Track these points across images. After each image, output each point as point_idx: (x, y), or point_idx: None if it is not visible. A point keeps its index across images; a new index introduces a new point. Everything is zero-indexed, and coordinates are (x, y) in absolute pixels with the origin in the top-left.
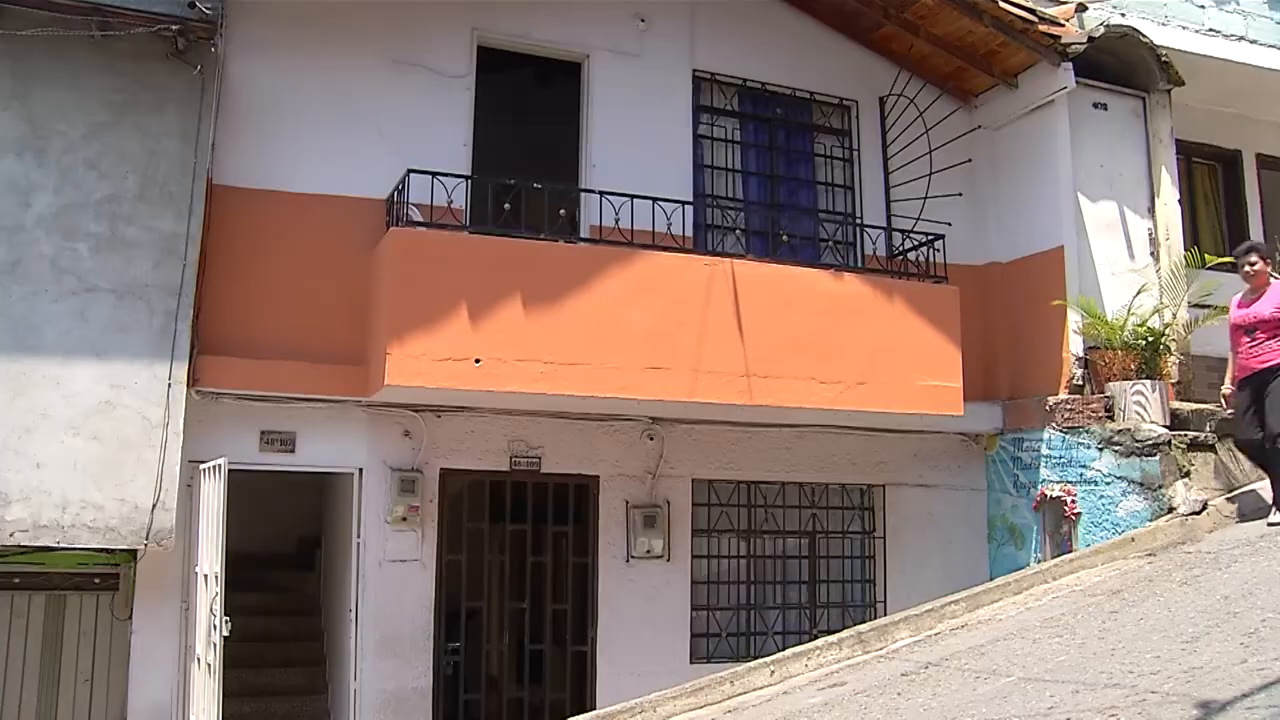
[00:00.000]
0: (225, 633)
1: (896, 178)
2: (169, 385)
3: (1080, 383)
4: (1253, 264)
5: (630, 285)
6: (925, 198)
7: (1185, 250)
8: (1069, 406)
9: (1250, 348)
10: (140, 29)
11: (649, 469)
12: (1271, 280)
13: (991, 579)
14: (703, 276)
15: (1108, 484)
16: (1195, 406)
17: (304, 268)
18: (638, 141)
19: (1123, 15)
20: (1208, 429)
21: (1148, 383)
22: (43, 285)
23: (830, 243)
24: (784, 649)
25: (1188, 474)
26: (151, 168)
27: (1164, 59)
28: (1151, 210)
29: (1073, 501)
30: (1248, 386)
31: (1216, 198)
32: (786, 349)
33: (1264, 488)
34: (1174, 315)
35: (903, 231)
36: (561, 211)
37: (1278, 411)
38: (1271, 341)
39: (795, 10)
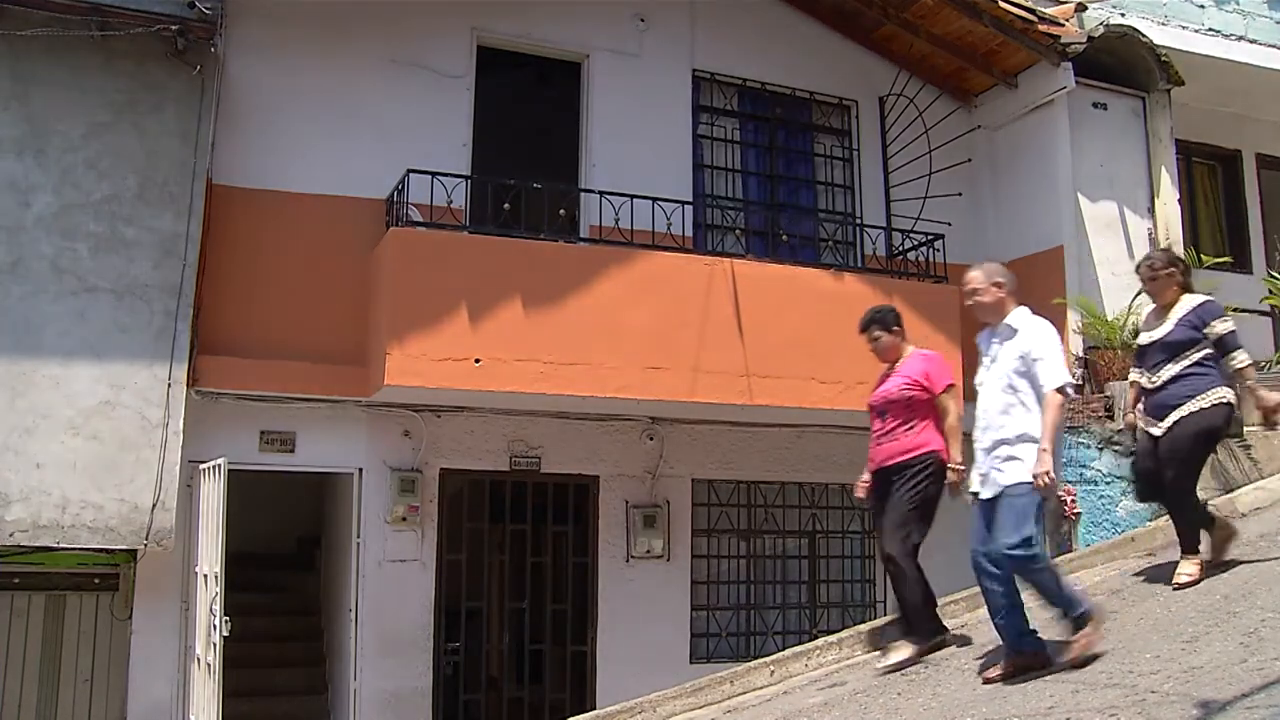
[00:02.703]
0: (225, 633)
1: (896, 177)
2: (169, 385)
3: (1080, 382)
4: (875, 339)
5: (630, 285)
6: (925, 197)
7: (1185, 250)
8: (1069, 406)
9: (878, 435)
10: (140, 29)
11: (649, 469)
12: (908, 351)
13: None
14: (703, 276)
15: (1108, 484)
16: None
17: (304, 268)
18: (638, 141)
19: (1122, 15)
20: None
21: None
22: (43, 285)
23: (830, 243)
24: (784, 649)
25: None
26: (151, 168)
27: (1164, 58)
28: (1151, 210)
29: (1072, 501)
30: (878, 483)
31: (1216, 197)
32: (786, 349)
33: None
34: None
35: (902, 231)
36: (561, 211)
37: (894, 527)
38: (901, 429)
39: (795, 10)
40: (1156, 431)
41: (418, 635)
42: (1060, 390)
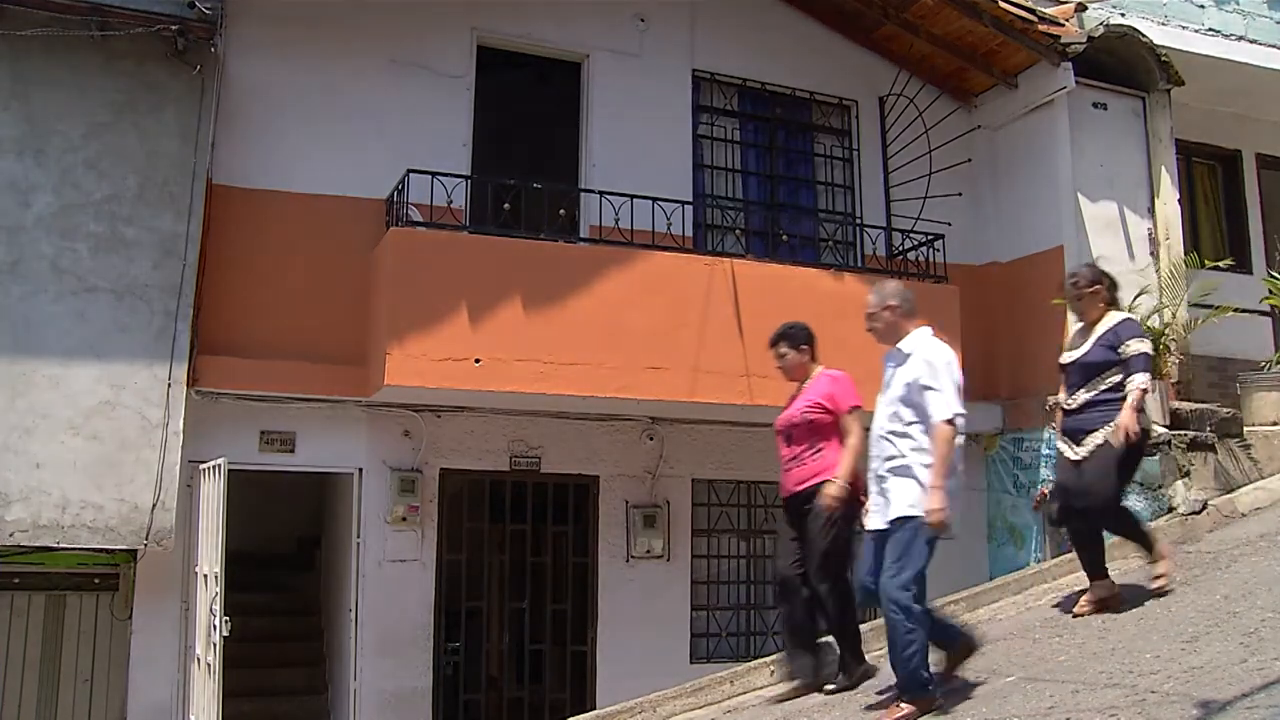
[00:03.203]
0: (225, 633)
1: (896, 177)
2: (169, 385)
3: None
4: (781, 355)
5: (630, 285)
6: (925, 197)
7: (1185, 250)
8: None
9: (786, 461)
10: (140, 29)
11: (649, 469)
12: (816, 371)
13: (991, 579)
14: (703, 276)
15: None
16: (1195, 406)
17: (303, 267)
18: (638, 141)
19: (1122, 15)
20: (1208, 429)
21: None
22: (43, 285)
23: (830, 242)
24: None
25: (1188, 474)
26: (151, 168)
27: (1164, 58)
28: (1151, 210)
29: None
30: (791, 509)
31: (1216, 197)
32: None
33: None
34: (1174, 315)
35: (902, 231)
36: (561, 211)
37: (818, 558)
38: (808, 453)
39: (795, 10)
40: (1073, 456)
41: (418, 635)
42: (950, 422)
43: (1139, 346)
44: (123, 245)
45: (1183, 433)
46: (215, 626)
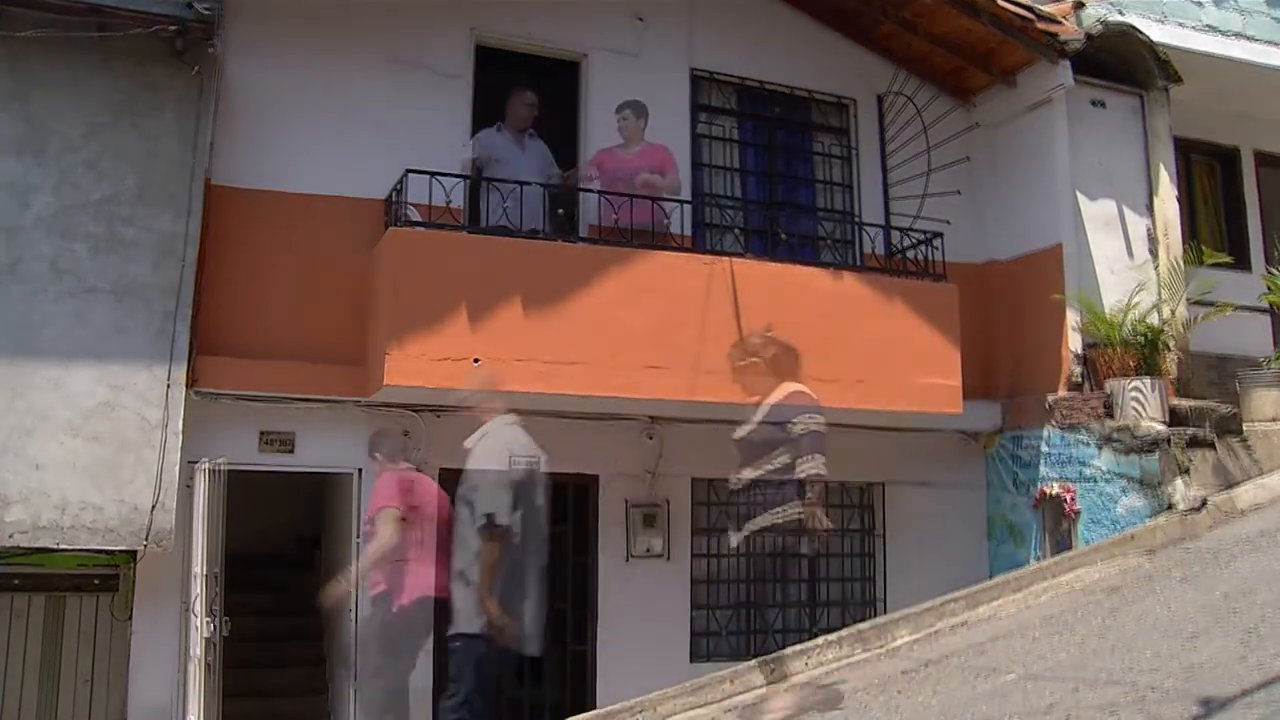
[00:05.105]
0: (225, 633)
1: (895, 176)
2: (168, 386)
3: (1079, 380)
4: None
5: (629, 284)
6: (924, 196)
7: (1184, 247)
8: (1068, 404)
9: None
10: (139, 29)
11: (649, 468)
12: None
13: (991, 577)
14: (702, 275)
15: (1107, 481)
16: (1194, 404)
17: (303, 268)
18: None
19: (1121, 13)
20: (1207, 426)
21: (1146, 380)
22: (42, 286)
23: (829, 241)
24: (784, 647)
25: (1187, 471)
26: (150, 168)
27: (1162, 56)
28: (1150, 208)
29: (1072, 499)
30: None
31: (1215, 195)
32: None
33: None
34: (1173, 312)
35: (901, 230)
36: (560, 211)
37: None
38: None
39: (794, 9)
40: (733, 543)
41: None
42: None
43: (807, 424)
44: (122, 246)
45: (1182, 430)
46: (215, 627)
